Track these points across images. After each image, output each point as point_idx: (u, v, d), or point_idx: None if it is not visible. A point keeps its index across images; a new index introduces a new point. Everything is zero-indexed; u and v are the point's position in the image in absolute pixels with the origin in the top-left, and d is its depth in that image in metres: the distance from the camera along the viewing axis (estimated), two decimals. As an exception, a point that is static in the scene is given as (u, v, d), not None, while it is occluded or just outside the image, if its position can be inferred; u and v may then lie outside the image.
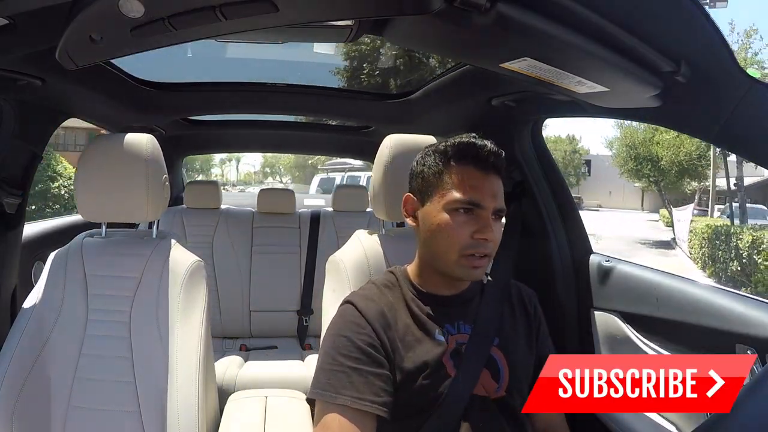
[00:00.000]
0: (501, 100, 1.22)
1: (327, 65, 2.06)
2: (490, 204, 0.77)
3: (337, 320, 0.80)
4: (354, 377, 0.72)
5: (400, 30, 0.75)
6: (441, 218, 0.78)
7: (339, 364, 0.73)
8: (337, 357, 0.74)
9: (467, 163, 0.79)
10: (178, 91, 1.62)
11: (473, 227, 0.76)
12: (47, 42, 0.77)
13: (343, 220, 2.24)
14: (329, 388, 0.72)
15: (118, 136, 1.03)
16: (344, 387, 0.71)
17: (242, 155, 33.39)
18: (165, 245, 1.05)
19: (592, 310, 1.22)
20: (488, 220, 0.76)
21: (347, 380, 0.72)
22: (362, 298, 0.81)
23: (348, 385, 0.71)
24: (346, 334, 0.76)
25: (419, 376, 0.75)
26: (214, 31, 0.67)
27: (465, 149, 0.79)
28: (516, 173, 1.36)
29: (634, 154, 15.35)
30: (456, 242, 0.76)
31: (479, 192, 0.77)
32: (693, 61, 0.69)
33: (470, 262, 0.77)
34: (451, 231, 0.77)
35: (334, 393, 0.71)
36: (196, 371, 0.95)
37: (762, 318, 0.82)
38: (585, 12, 0.61)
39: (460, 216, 0.77)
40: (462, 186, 0.77)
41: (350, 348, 0.74)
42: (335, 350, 0.75)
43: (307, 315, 2.14)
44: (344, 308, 0.81)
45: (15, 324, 0.97)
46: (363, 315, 0.77)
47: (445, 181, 0.79)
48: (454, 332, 0.81)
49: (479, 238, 0.76)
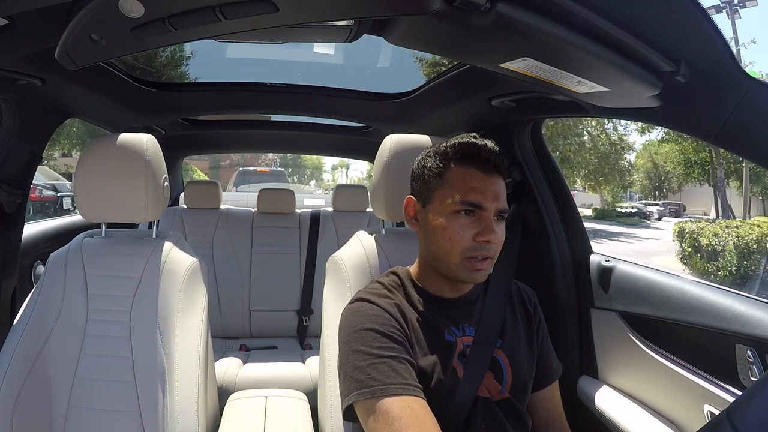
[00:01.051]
0: (501, 100, 1.22)
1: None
2: (491, 205, 0.76)
3: (353, 317, 0.76)
4: (395, 365, 0.69)
5: (400, 30, 0.75)
6: (442, 221, 0.77)
7: (376, 356, 0.69)
8: (371, 351, 0.70)
9: (468, 164, 0.78)
10: (178, 91, 1.62)
11: (475, 229, 0.75)
12: (47, 42, 0.77)
13: (343, 220, 2.24)
14: (375, 383, 0.66)
15: (118, 136, 1.03)
16: (389, 376, 0.67)
17: (351, 161, 33.41)
18: (165, 245, 1.05)
19: (592, 309, 1.22)
20: (490, 221, 0.75)
21: (389, 369, 0.68)
22: (373, 294, 0.80)
23: (393, 374, 0.67)
24: (370, 327, 0.73)
25: (432, 376, 0.75)
26: (214, 31, 0.67)
27: (465, 150, 0.78)
28: (516, 173, 1.36)
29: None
30: (458, 245, 0.75)
31: (481, 193, 0.76)
32: (693, 61, 0.68)
33: (473, 265, 0.76)
34: (452, 233, 0.76)
35: (382, 386, 0.66)
36: (196, 371, 0.95)
37: (762, 318, 0.82)
38: (585, 12, 0.61)
39: (462, 218, 0.76)
40: (463, 187, 0.76)
41: (380, 339, 0.71)
42: (365, 344, 0.71)
43: (307, 315, 2.15)
44: (358, 305, 0.78)
45: (15, 324, 0.96)
46: (380, 307, 0.76)
47: (446, 183, 0.78)
48: (459, 335, 0.81)
49: (481, 241, 0.75)
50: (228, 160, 13.88)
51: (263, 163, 15.91)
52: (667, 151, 19.47)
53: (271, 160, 16.96)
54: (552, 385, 0.90)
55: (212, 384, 1.07)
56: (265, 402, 1.14)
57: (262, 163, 16.09)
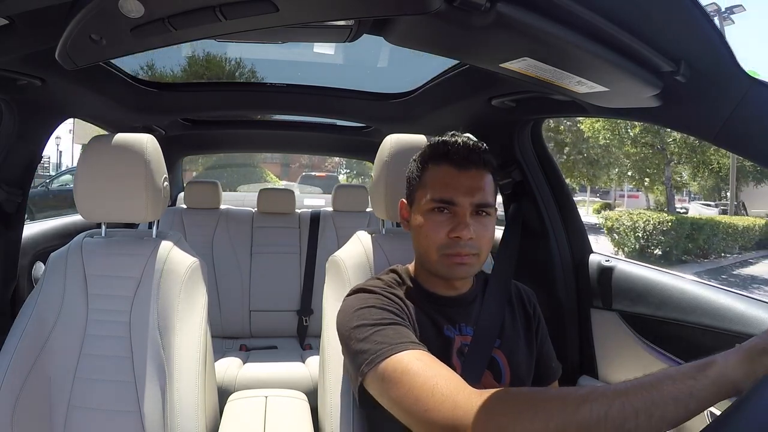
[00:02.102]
0: (501, 100, 1.22)
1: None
2: (464, 200, 0.76)
3: (353, 302, 0.76)
4: (400, 328, 0.69)
5: (400, 30, 0.75)
6: (421, 219, 0.79)
7: (378, 324, 0.69)
8: (372, 322, 0.70)
9: (442, 162, 0.79)
10: (178, 91, 1.62)
11: (449, 226, 0.76)
12: (47, 42, 0.77)
13: (343, 220, 2.24)
14: (384, 347, 0.65)
15: (117, 136, 1.03)
16: (396, 339, 0.66)
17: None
18: (165, 245, 1.05)
19: (592, 309, 1.22)
20: (464, 217, 0.76)
21: (393, 332, 0.67)
22: (372, 285, 0.80)
23: (398, 336, 0.67)
24: (369, 304, 0.73)
25: None
26: (213, 31, 0.66)
27: (436, 149, 0.81)
28: (516, 173, 1.36)
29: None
30: (433, 242, 0.77)
31: (453, 189, 0.77)
32: (693, 61, 0.68)
33: (450, 260, 0.77)
34: (428, 231, 0.78)
35: (392, 345, 0.65)
36: (196, 371, 0.95)
37: (762, 318, 0.82)
38: (585, 12, 0.61)
39: (436, 216, 0.77)
40: (434, 185, 0.78)
41: (381, 312, 0.71)
42: (366, 319, 0.70)
43: (307, 315, 2.14)
44: (355, 295, 0.79)
45: (15, 324, 0.96)
46: (379, 294, 0.76)
47: (424, 183, 0.81)
48: (456, 333, 0.81)
49: (453, 237, 0.75)
50: (297, 163, 16.14)
51: (328, 166, 17.88)
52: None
53: (337, 163, 17.98)
54: (552, 386, 0.90)
55: (212, 384, 1.07)
56: (265, 402, 1.14)
57: (327, 165, 17.93)
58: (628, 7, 0.63)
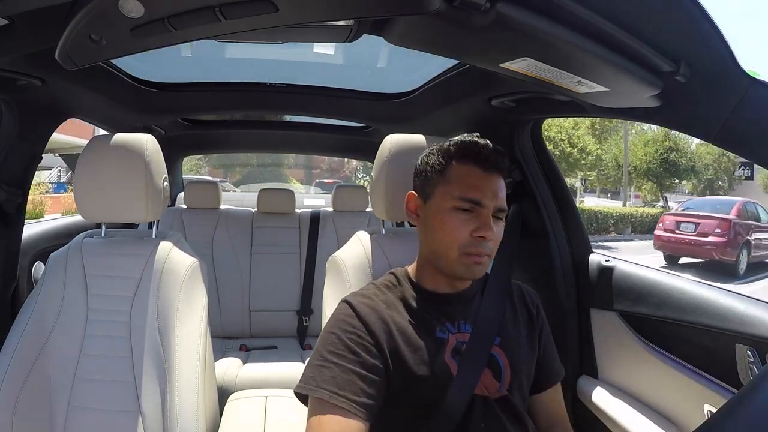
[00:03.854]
0: (501, 100, 1.22)
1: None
2: (490, 203, 0.77)
3: (330, 318, 0.80)
4: (336, 372, 0.71)
5: (400, 30, 0.75)
6: (442, 216, 0.79)
7: (324, 359, 0.73)
8: (324, 353, 0.74)
9: (469, 162, 0.79)
10: (178, 91, 1.62)
11: (473, 225, 0.77)
12: (47, 42, 0.77)
13: (343, 220, 2.24)
14: (311, 382, 0.71)
15: (117, 136, 1.03)
16: (325, 381, 0.71)
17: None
18: (165, 245, 1.05)
19: (592, 309, 1.22)
20: (488, 219, 0.77)
21: (329, 374, 0.71)
22: (360, 297, 0.81)
23: (329, 380, 0.71)
24: (335, 331, 0.76)
25: (422, 375, 0.75)
26: (213, 31, 0.67)
27: (467, 148, 0.80)
28: (516, 173, 1.36)
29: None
30: (456, 240, 0.77)
31: (480, 191, 0.77)
32: (693, 61, 0.69)
33: (470, 260, 0.77)
34: (451, 229, 0.77)
35: (314, 386, 0.71)
36: (196, 371, 0.95)
37: (762, 318, 0.82)
38: (585, 12, 0.61)
39: (461, 214, 0.78)
40: (463, 184, 0.78)
41: (337, 345, 0.74)
42: (323, 346, 0.75)
43: (307, 315, 2.15)
44: (340, 306, 0.81)
45: (15, 324, 0.96)
46: (358, 315, 0.77)
47: (447, 180, 0.80)
48: (454, 331, 0.81)
49: (478, 237, 0.76)
50: (318, 169, 18.27)
51: (346, 171, 19.47)
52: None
53: (354, 168, 18.76)
54: (554, 388, 0.90)
55: (212, 384, 1.06)
56: (265, 402, 1.14)
57: (345, 171, 19.52)
58: (627, 7, 0.63)
